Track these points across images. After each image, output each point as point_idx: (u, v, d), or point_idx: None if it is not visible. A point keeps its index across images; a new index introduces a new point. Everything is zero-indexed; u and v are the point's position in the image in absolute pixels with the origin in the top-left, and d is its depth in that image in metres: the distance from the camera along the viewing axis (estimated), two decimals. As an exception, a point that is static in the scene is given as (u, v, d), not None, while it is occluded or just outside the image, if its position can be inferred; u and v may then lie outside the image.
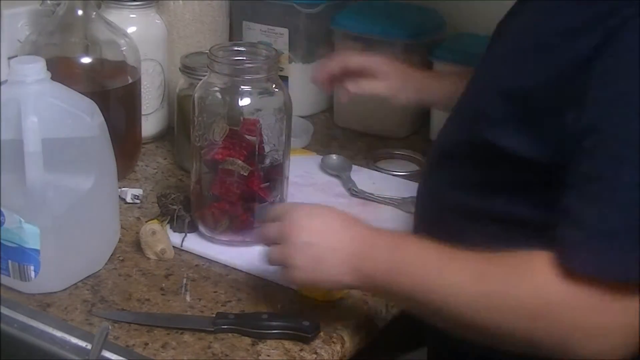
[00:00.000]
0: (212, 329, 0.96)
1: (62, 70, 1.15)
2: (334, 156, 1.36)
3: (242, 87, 1.09)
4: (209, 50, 1.10)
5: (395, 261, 0.87)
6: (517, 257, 0.82)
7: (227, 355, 0.93)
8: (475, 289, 0.82)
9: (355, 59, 1.24)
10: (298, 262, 0.92)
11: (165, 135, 1.44)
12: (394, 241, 0.90)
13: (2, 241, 1.00)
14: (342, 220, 0.94)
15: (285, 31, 1.53)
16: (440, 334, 0.90)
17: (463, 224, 0.94)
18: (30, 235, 0.99)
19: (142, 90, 1.32)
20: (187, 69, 1.30)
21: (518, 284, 0.81)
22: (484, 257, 0.84)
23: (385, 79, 1.23)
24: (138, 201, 1.24)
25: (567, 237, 0.79)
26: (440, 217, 0.99)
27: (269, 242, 0.96)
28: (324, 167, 1.35)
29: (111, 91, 1.26)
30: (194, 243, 1.13)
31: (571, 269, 0.78)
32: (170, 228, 1.15)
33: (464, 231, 0.93)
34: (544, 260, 0.80)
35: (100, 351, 0.90)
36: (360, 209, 1.24)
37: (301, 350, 0.95)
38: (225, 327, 0.96)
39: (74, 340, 0.95)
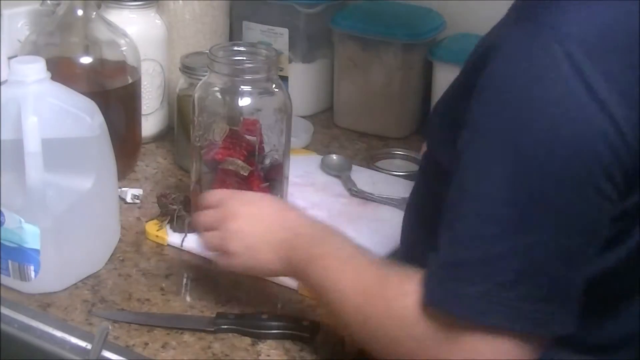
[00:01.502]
0: (212, 329, 0.96)
1: (62, 70, 1.15)
2: (334, 156, 1.36)
3: (242, 87, 1.09)
4: (209, 50, 1.10)
5: (311, 254, 0.88)
6: (400, 277, 0.80)
7: (227, 355, 0.93)
8: (357, 301, 0.82)
9: None
10: (233, 249, 0.94)
11: (165, 135, 1.44)
12: (317, 233, 0.91)
13: (2, 241, 1.00)
14: (275, 207, 0.96)
15: (285, 31, 1.53)
16: None
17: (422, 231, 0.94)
18: (30, 235, 0.99)
19: (142, 90, 1.32)
20: (187, 69, 1.30)
21: (390, 305, 0.79)
22: (377, 271, 0.83)
23: None
24: (138, 201, 1.24)
25: (428, 264, 0.77)
26: (413, 227, 0.99)
27: (206, 228, 0.97)
28: (324, 167, 1.35)
29: (111, 91, 1.26)
30: (194, 243, 1.13)
31: (424, 298, 0.76)
32: (170, 228, 1.15)
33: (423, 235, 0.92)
34: (409, 285, 0.78)
35: (100, 351, 0.90)
36: (361, 209, 1.24)
37: (301, 350, 0.95)
38: (225, 327, 0.96)
39: (74, 340, 0.95)
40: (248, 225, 0.94)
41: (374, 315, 0.80)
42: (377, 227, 1.19)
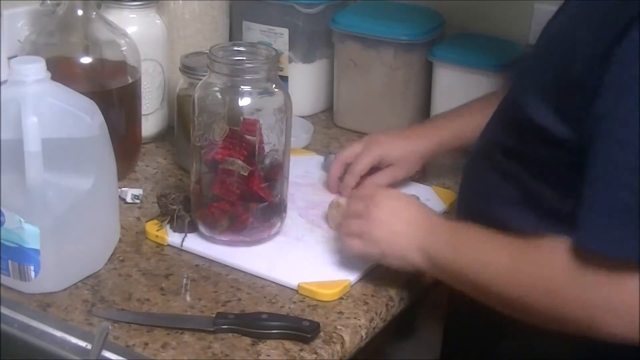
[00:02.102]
0: (212, 329, 0.96)
1: (62, 70, 1.15)
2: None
3: (242, 87, 1.09)
4: (209, 50, 1.10)
5: (453, 243, 0.97)
6: (544, 241, 0.89)
7: (227, 355, 0.93)
8: (510, 267, 0.90)
9: (363, 166, 1.25)
10: (376, 235, 1.02)
11: (165, 135, 1.44)
12: (454, 226, 1.01)
13: (2, 241, 1.00)
14: (417, 205, 1.06)
15: (285, 31, 1.53)
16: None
17: (501, 209, 1.01)
18: (30, 235, 0.99)
19: (142, 90, 1.32)
20: (187, 69, 1.30)
21: (541, 264, 0.88)
22: (519, 240, 0.91)
23: (389, 171, 1.25)
24: (138, 201, 1.24)
25: (578, 217, 0.85)
26: (481, 205, 1.05)
27: (352, 215, 1.05)
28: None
29: (111, 91, 1.26)
30: (194, 243, 1.13)
31: (580, 248, 0.84)
32: (170, 228, 1.15)
33: (502, 216, 1.00)
34: (565, 244, 0.85)
35: (100, 351, 0.90)
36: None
37: (301, 350, 0.95)
38: (225, 327, 0.96)
39: (74, 340, 0.95)
40: (393, 215, 1.02)
41: (533, 276, 0.88)
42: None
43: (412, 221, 1.01)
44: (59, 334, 0.96)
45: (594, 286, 0.83)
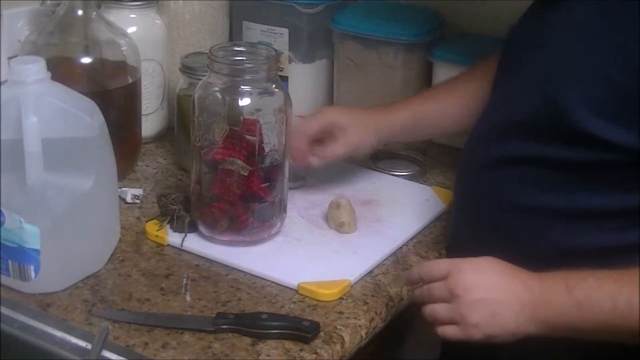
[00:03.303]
0: (212, 329, 0.96)
1: (62, 70, 1.15)
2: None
3: (242, 87, 1.09)
4: (209, 50, 1.10)
5: (573, 301, 0.88)
6: None
7: (227, 355, 0.93)
8: None
9: (311, 127, 1.20)
10: (475, 320, 0.92)
11: (165, 135, 1.44)
12: (562, 282, 0.90)
13: (2, 241, 1.00)
14: (506, 270, 0.94)
15: (285, 31, 1.53)
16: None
17: (536, 223, 0.97)
18: (30, 235, 0.99)
19: (142, 90, 1.32)
20: (187, 69, 1.30)
21: None
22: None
23: (342, 137, 1.20)
24: (138, 201, 1.24)
25: None
26: (501, 217, 1.01)
27: (435, 300, 0.95)
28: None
29: (111, 91, 1.26)
30: (194, 243, 1.13)
31: None
32: (170, 228, 1.15)
33: (536, 230, 0.97)
34: None
35: (100, 351, 0.90)
36: (362, 208, 1.23)
37: (301, 350, 0.95)
38: (225, 327, 0.96)
39: (74, 340, 0.95)
40: (486, 293, 0.92)
41: None
42: (378, 227, 1.19)
43: (508, 290, 0.92)
44: (59, 334, 0.96)
45: None
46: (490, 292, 0.92)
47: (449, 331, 0.94)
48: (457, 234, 1.11)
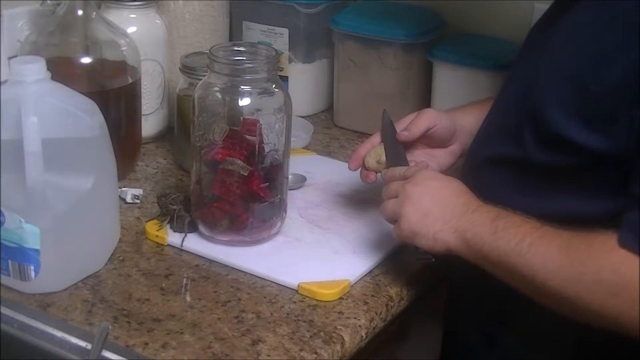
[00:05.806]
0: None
1: (62, 70, 1.15)
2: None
3: (242, 87, 1.09)
4: (209, 50, 1.10)
5: (493, 227, 0.92)
6: (594, 235, 0.86)
7: (227, 355, 0.93)
8: (560, 260, 0.86)
9: (416, 127, 1.15)
10: (406, 212, 0.98)
11: (165, 135, 1.44)
12: (494, 211, 0.95)
13: (2, 241, 1.00)
14: (458, 190, 1.00)
15: (285, 31, 1.53)
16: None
17: None
18: (30, 235, 0.99)
19: (142, 90, 1.32)
20: (187, 69, 1.30)
21: (597, 259, 0.84)
22: (568, 233, 0.88)
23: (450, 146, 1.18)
24: (138, 201, 1.24)
25: (635, 221, 0.83)
26: None
27: (390, 196, 1.02)
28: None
29: (111, 91, 1.26)
30: (194, 243, 1.13)
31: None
32: (170, 228, 1.15)
33: None
34: (615, 241, 0.83)
35: (100, 351, 0.90)
36: (363, 208, 1.23)
37: (301, 350, 0.95)
38: None
39: (74, 340, 0.95)
40: (426, 193, 0.99)
41: (588, 271, 0.84)
42: (377, 226, 1.19)
43: (449, 201, 0.97)
44: (59, 334, 0.96)
45: None
46: (432, 197, 0.98)
47: (391, 223, 1.01)
48: None
